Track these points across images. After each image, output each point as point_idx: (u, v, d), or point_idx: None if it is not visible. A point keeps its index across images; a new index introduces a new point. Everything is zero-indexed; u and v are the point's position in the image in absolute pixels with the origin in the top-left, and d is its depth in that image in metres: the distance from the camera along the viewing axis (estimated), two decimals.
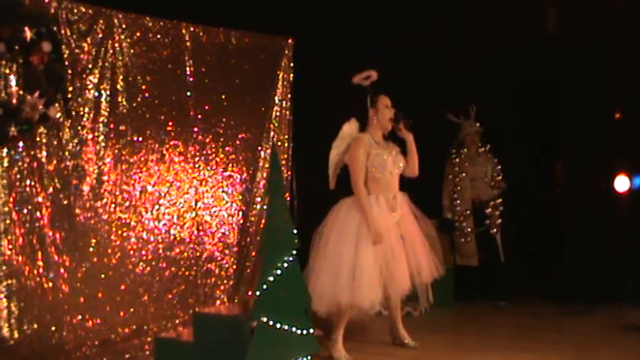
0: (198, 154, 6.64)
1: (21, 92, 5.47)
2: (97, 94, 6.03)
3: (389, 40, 7.48)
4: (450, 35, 7.63)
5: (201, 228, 6.65)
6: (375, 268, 5.33)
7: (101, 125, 6.05)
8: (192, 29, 6.62)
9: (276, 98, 7.16)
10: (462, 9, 7.54)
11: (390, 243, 5.46)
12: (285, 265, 4.45)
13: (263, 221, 6.88)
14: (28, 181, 5.62)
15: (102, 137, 6.05)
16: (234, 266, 6.86)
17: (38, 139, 5.68)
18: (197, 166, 6.66)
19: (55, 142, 5.78)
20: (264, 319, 4.36)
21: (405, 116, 5.79)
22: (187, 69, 6.59)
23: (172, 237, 6.46)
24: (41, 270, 5.63)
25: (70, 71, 5.83)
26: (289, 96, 7.24)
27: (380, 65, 5.93)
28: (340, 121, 5.91)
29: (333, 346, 5.43)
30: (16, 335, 5.43)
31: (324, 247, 5.37)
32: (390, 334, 5.88)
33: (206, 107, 6.70)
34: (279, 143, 7.14)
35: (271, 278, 4.41)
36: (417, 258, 5.60)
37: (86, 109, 5.98)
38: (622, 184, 6.99)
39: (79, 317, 5.79)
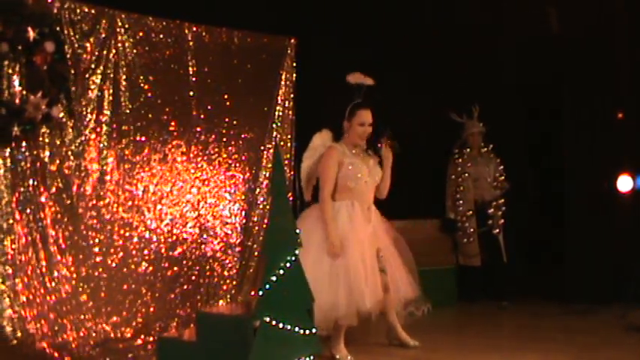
0: (200, 153, 6.64)
1: (24, 92, 5.45)
2: (99, 93, 6.02)
3: (390, 39, 7.49)
4: (451, 35, 7.64)
5: (203, 228, 6.65)
6: (343, 277, 5.26)
7: (104, 125, 6.04)
8: (194, 29, 6.62)
9: (279, 98, 7.16)
10: (462, 9, 7.55)
11: (369, 252, 5.42)
12: (288, 264, 4.45)
13: (266, 221, 6.88)
14: (31, 181, 5.61)
15: (104, 137, 6.05)
16: (237, 266, 6.86)
17: (41, 139, 5.67)
18: (200, 165, 6.65)
19: (58, 142, 5.77)
20: (267, 319, 4.36)
21: (390, 136, 5.64)
22: (190, 69, 6.58)
23: (175, 237, 6.45)
24: (44, 269, 5.62)
25: (72, 71, 5.82)
26: (292, 96, 7.24)
27: (381, 65, 5.93)
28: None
29: (334, 347, 5.43)
30: (18, 334, 5.41)
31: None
32: (387, 336, 5.85)
33: (209, 107, 6.70)
34: (281, 143, 7.14)
35: (274, 278, 4.40)
36: (395, 273, 5.58)
37: (89, 109, 5.97)
38: (624, 183, 7.00)
39: (82, 317, 5.78)
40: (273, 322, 4.37)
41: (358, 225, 5.47)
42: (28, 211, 5.59)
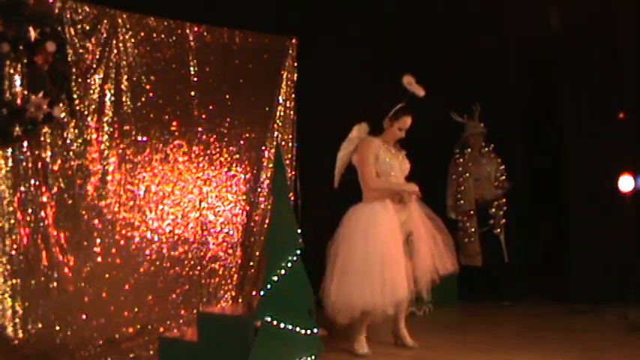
0: (202, 153, 6.63)
1: (25, 92, 5.45)
2: (101, 93, 6.01)
3: (392, 39, 7.48)
4: (452, 35, 7.64)
5: (205, 228, 6.64)
6: (378, 271, 5.38)
7: (105, 125, 6.04)
8: (196, 29, 6.61)
9: (280, 98, 7.16)
10: (466, 8, 7.54)
11: (397, 246, 5.51)
12: (289, 265, 4.46)
13: (267, 221, 6.88)
14: (32, 181, 5.61)
15: (106, 137, 6.04)
16: (238, 266, 6.86)
17: (42, 139, 5.67)
18: (201, 165, 6.65)
19: (60, 142, 5.77)
20: (268, 319, 4.37)
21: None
22: (191, 69, 6.58)
23: (176, 237, 6.44)
24: (45, 270, 5.62)
25: (74, 71, 5.82)
26: (293, 96, 7.24)
27: (382, 64, 5.93)
28: (344, 121, 5.93)
29: (356, 340, 5.58)
30: (20, 335, 5.42)
31: (346, 258, 5.42)
32: (393, 334, 5.90)
33: (210, 107, 6.69)
34: (283, 143, 7.13)
35: (275, 278, 4.42)
36: (425, 258, 5.65)
37: (90, 109, 5.96)
38: (626, 183, 6.99)
39: (84, 317, 5.77)
40: (275, 322, 4.39)
41: (393, 223, 5.57)
42: (30, 211, 5.59)
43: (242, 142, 6.93)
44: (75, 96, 5.83)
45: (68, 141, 5.82)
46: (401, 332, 5.85)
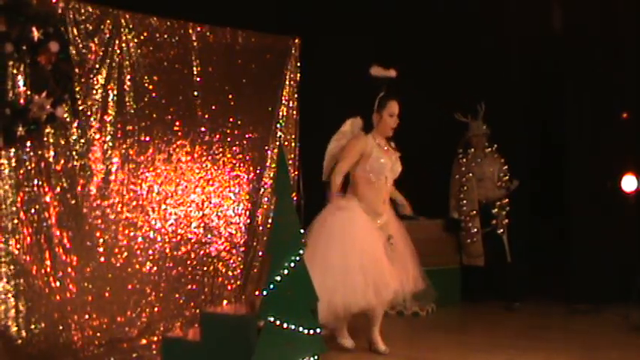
0: (205, 153, 6.64)
1: (28, 92, 5.45)
2: (104, 93, 6.03)
3: (394, 39, 7.49)
4: (454, 34, 7.64)
5: (207, 228, 6.65)
6: (359, 269, 5.31)
7: (108, 125, 6.05)
8: (198, 29, 6.62)
9: (283, 98, 7.17)
10: (467, 8, 7.54)
11: (376, 246, 5.46)
12: (292, 264, 4.45)
13: (270, 221, 6.88)
14: (35, 181, 5.61)
15: (109, 137, 6.05)
16: (241, 266, 6.87)
17: (45, 139, 5.67)
18: (204, 165, 6.66)
19: (63, 142, 5.78)
20: (271, 319, 4.37)
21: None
22: (194, 69, 6.59)
23: (179, 237, 6.46)
24: (49, 269, 5.62)
25: (77, 71, 5.83)
26: (296, 96, 7.25)
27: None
28: (346, 121, 5.93)
29: (339, 334, 5.63)
30: (23, 334, 5.42)
31: (312, 254, 5.26)
32: (366, 335, 5.78)
33: (213, 107, 6.70)
34: (285, 143, 7.14)
35: (278, 278, 4.41)
36: (405, 263, 5.60)
37: (93, 109, 5.97)
38: (629, 183, 6.99)
39: (87, 316, 5.79)
40: (277, 322, 4.38)
41: (367, 222, 5.51)
42: (33, 211, 5.59)
43: (245, 142, 6.94)
44: (78, 96, 5.83)
45: (71, 141, 5.83)
46: (373, 336, 5.67)
